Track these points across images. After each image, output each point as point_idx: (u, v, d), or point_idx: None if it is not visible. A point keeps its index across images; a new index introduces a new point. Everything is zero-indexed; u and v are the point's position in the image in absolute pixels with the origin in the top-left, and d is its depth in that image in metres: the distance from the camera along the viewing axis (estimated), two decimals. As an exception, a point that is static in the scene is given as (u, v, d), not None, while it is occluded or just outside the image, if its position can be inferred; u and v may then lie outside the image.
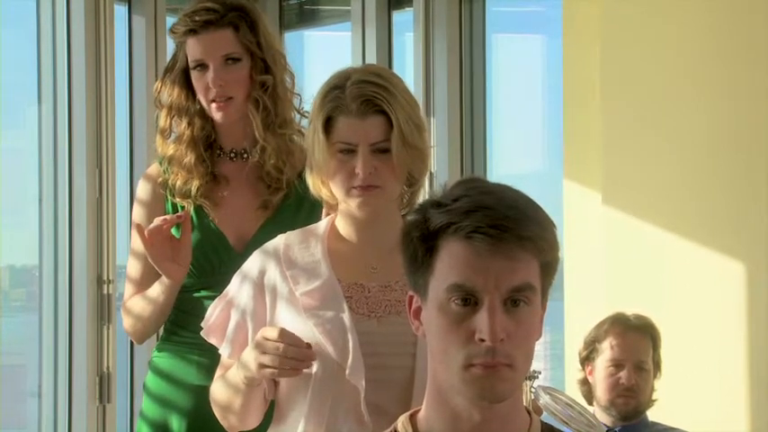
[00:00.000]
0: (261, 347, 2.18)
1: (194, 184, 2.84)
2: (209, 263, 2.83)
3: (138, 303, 2.84)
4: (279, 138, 2.85)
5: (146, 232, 2.68)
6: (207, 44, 2.82)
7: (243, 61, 2.84)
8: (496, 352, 1.69)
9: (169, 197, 2.87)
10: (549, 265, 1.75)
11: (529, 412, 1.83)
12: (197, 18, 2.81)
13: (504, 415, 1.76)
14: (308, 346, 2.18)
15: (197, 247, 2.79)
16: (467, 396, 1.73)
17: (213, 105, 2.83)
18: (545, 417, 2.65)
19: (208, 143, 2.89)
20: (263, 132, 2.84)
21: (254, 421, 2.35)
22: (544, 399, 2.63)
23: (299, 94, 2.91)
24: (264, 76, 2.84)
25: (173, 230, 2.74)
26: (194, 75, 2.85)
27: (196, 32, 2.82)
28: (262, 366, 2.18)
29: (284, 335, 2.17)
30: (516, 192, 1.77)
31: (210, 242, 2.83)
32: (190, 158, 2.85)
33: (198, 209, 2.84)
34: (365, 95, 2.22)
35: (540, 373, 2.58)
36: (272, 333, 2.18)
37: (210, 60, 2.82)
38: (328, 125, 2.25)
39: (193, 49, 2.83)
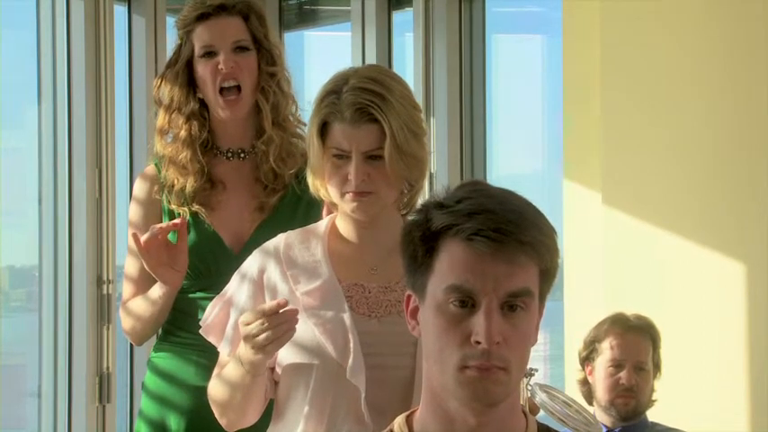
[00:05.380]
0: (248, 336, 2.16)
1: (189, 182, 2.83)
2: (206, 265, 2.82)
3: (140, 305, 2.83)
4: (283, 133, 2.86)
5: (141, 240, 2.68)
6: (218, 30, 2.83)
7: (251, 51, 2.85)
8: (491, 355, 1.69)
9: (165, 203, 2.86)
10: (548, 272, 1.76)
11: (525, 414, 1.83)
12: (209, 3, 2.83)
13: (499, 419, 1.76)
14: (284, 303, 2.15)
15: (193, 249, 2.78)
16: (460, 398, 1.73)
17: (221, 101, 2.82)
18: (542, 415, 2.64)
19: (204, 146, 2.88)
20: (271, 123, 2.84)
21: (253, 417, 2.34)
22: (541, 396, 2.62)
23: (296, 101, 2.92)
24: (273, 68, 2.86)
25: (169, 235, 2.74)
26: (201, 63, 2.84)
27: (207, 17, 2.83)
28: (262, 347, 2.16)
29: (259, 313, 2.15)
30: (519, 197, 1.77)
31: (207, 244, 2.82)
32: (185, 155, 2.84)
33: (194, 213, 2.84)
34: (359, 104, 2.22)
35: (536, 370, 2.57)
36: (248, 318, 2.16)
37: (221, 46, 2.82)
38: (324, 130, 2.26)
39: (202, 35, 2.84)
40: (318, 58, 5.32)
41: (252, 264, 2.34)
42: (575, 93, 4.34)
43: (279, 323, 2.14)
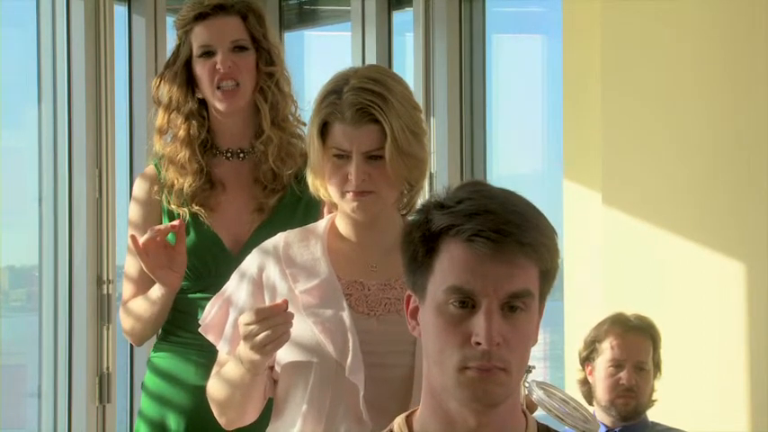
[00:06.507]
0: (248, 336, 2.17)
1: (188, 182, 2.83)
2: (206, 266, 2.82)
3: (140, 305, 2.83)
4: (282, 133, 2.86)
5: (140, 242, 2.68)
6: (216, 29, 2.83)
7: (250, 51, 2.85)
8: (492, 356, 1.70)
9: (165, 203, 2.86)
10: (548, 273, 1.76)
11: (525, 414, 1.83)
12: (207, 2, 2.83)
13: (499, 420, 1.76)
14: (284, 305, 2.16)
15: (193, 250, 2.78)
16: (460, 399, 1.73)
17: (218, 94, 2.82)
18: (539, 413, 2.63)
19: (203, 146, 2.88)
20: (270, 124, 2.84)
21: (252, 416, 2.34)
22: (538, 394, 2.61)
23: (296, 102, 2.91)
24: (272, 68, 2.86)
25: (168, 236, 2.73)
26: (199, 62, 2.84)
27: (205, 17, 2.83)
28: (261, 347, 2.16)
29: (259, 312, 2.16)
30: (519, 197, 1.77)
31: (206, 245, 2.82)
32: (184, 154, 2.84)
33: (194, 214, 2.83)
34: (360, 104, 2.22)
35: (534, 367, 2.56)
36: (249, 318, 2.16)
37: (219, 46, 2.82)
38: (324, 130, 2.26)
39: (201, 35, 2.84)
40: (318, 58, 5.32)
41: (251, 263, 2.34)
42: (575, 93, 4.34)
43: (278, 323, 2.14)
